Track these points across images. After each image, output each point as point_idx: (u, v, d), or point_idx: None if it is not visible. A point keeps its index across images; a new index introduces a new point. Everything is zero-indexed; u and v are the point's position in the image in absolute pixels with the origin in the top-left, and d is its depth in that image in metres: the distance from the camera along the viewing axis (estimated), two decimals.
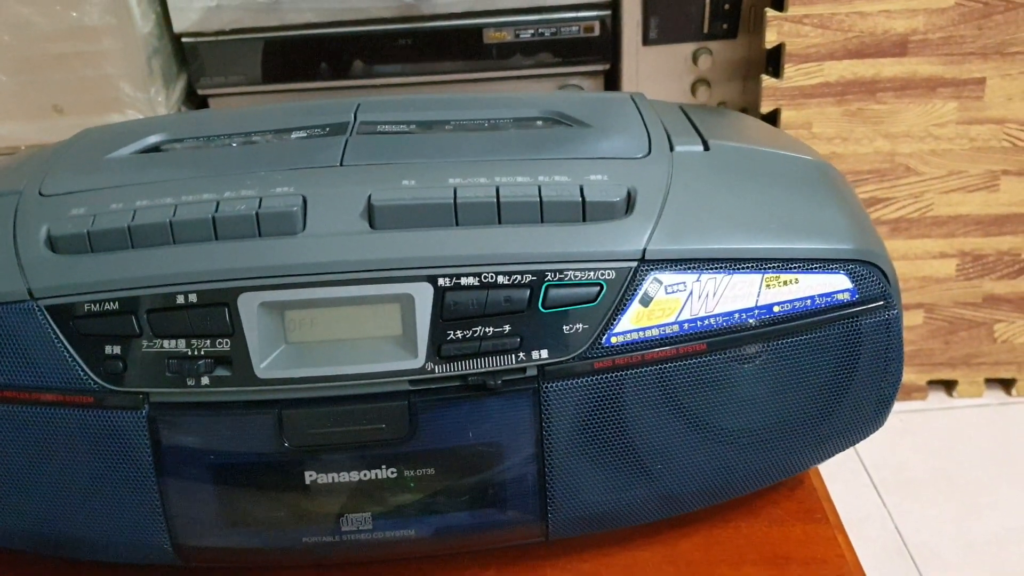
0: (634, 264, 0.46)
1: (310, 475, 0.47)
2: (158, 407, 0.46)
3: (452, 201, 0.46)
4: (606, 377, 0.47)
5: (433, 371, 0.46)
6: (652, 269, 0.46)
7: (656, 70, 1.24)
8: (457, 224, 0.47)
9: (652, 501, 0.50)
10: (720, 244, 0.47)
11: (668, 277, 0.47)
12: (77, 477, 0.48)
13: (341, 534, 0.48)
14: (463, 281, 0.46)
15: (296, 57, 1.25)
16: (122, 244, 0.47)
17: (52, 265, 0.47)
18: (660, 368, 0.47)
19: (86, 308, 0.46)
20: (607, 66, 1.26)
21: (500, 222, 0.47)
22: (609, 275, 0.46)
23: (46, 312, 0.46)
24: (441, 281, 0.46)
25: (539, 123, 0.56)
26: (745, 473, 0.51)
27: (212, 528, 0.48)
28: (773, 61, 1.18)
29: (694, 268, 0.47)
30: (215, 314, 0.45)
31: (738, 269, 0.47)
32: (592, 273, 0.46)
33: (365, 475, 0.47)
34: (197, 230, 0.46)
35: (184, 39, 1.22)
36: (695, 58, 1.23)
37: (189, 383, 0.46)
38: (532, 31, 1.24)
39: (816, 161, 0.55)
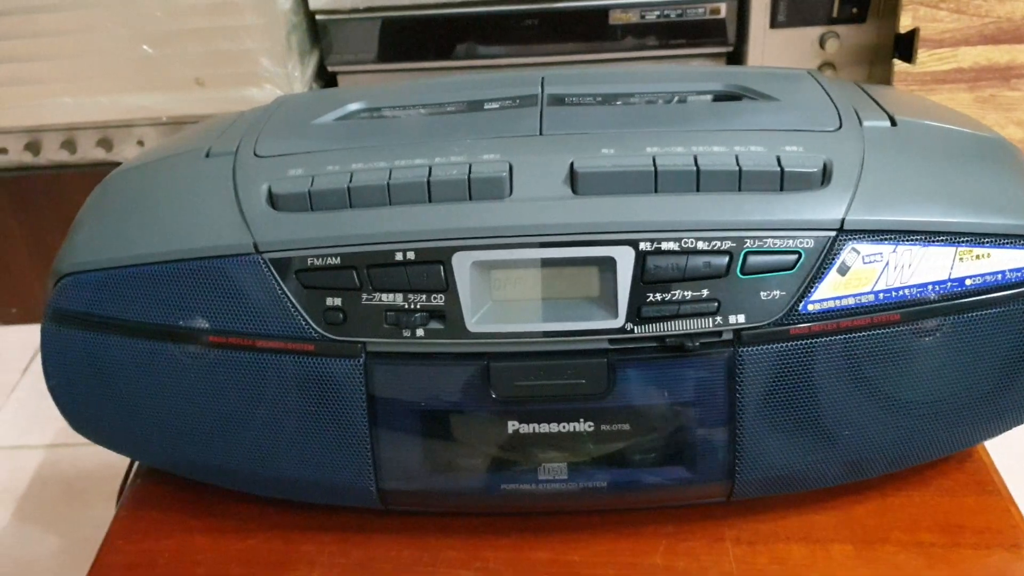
0: (833, 233, 0.48)
1: (512, 425, 0.50)
2: (374, 356, 0.49)
3: (652, 168, 0.48)
4: (801, 343, 0.48)
5: (632, 331, 0.48)
6: (850, 239, 0.48)
7: (782, 53, 1.24)
8: (657, 191, 0.48)
9: (834, 466, 0.51)
10: (916, 217, 0.48)
11: (866, 247, 0.48)
12: (290, 420, 0.51)
13: (537, 482, 0.51)
14: (664, 246, 0.48)
15: (424, 36, 1.28)
16: (341, 204, 0.50)
17: (274, 221, 0.50)
18: (852, 337, 0.48)
19: (309, 262, 0.49)
20: (731, 48, 1.27)
21: (699, 189, 0.48)
22: (808, 243, 0.48)
23: (270, 265, 0.49)
24: (642, 245, 0.48)
25: (723, 96, 0.58)
26: (925, 443, 0.52)
27: (416, 473, 0.51)
28: (903, 46, 1.17)
29: (891, 239, 0.48)
30: (431, 271, 0.48)
31: (933, 242, 0.48)
32: (791, 241, 0.48)
33: (564, 427, 0.49)
34: (412, 192, 0.49)
35: (318, 16, 1.26)
36: (822, 42, 1.22)
37: (405, 334, 0.49)
38: (658, 12, 1.25)
39: (997, 138, 0.56)
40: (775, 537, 0.53)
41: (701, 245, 0.48)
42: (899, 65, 1.15)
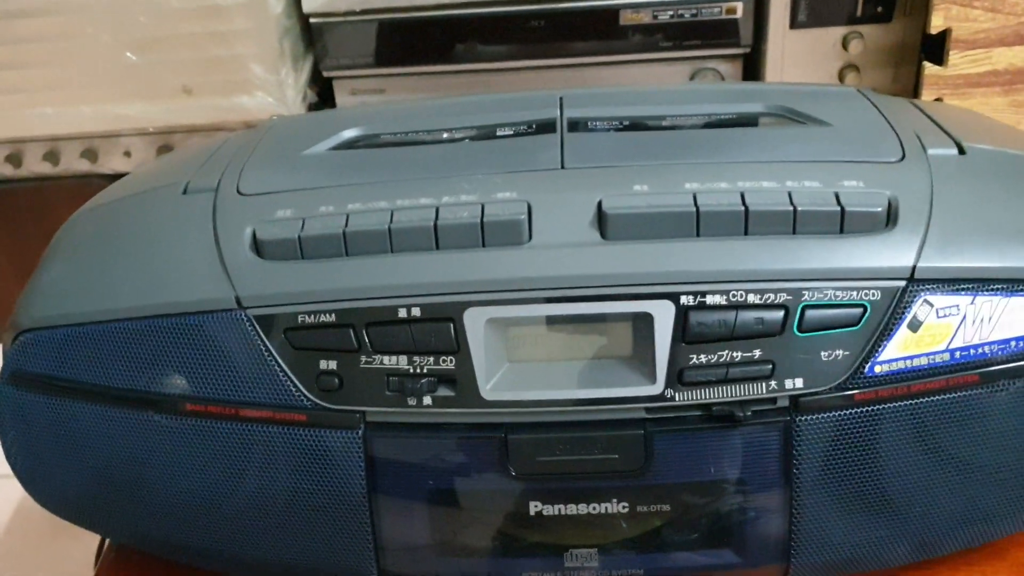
0: (902, 283, 0.41)
1: (535, 505, 0.43)
2: (375, 427, 0.43)
3: (693, 209, 0.42)
4: (866, 410, 0.42)
5: (673, 398, 0.42)
6: (922, 289, 0.41)
7: (802, 55, 1.17)
8: (699, 235, 0.42)
9: (901, 545, 0.45)
10: (997, 262, 0.42)
11: (940, 299, 0.42)
12: (278, 498, 0.45)
13: (563, 570, 0.44)
14: (709, 300, 0.41)
15: (424, 39, 1.21)
16: (336, 251, 0.43)
17: (260, 272, 0.44)
18: (925, 401, 0.42)
19: (300, 320, 0.43)
20: (747, 50, 1.20)
21: (747, 233, 0.42)
22: (874, 295, 0.41)
23: (255, 322, 0.43)
24: (684, 299, 0.41)
25: (766, 119, 0.51)
26: (1005, 518, 0.46)
27: (424, 556, 0.45)
28: (933, 47, 1.10)
29: (969, 289, 0.42)
30: (440, 330, 0.42)
31: (1016, 291, 0.42)
32: (855, 293, 0.41)
33: (594, 508, 0.43)
34: (418, 239, 0.43)
35: (312, 19, 1.19)
36: (845, 43, 1.15)
37: (410, 402, 0.42)
38: (671, 12, 1.18)
39: None
40: None
41: (752, 298, 0.41)
42: (929, 68, 1.09)
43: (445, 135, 0.52)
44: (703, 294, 0.41)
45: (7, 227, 1.41)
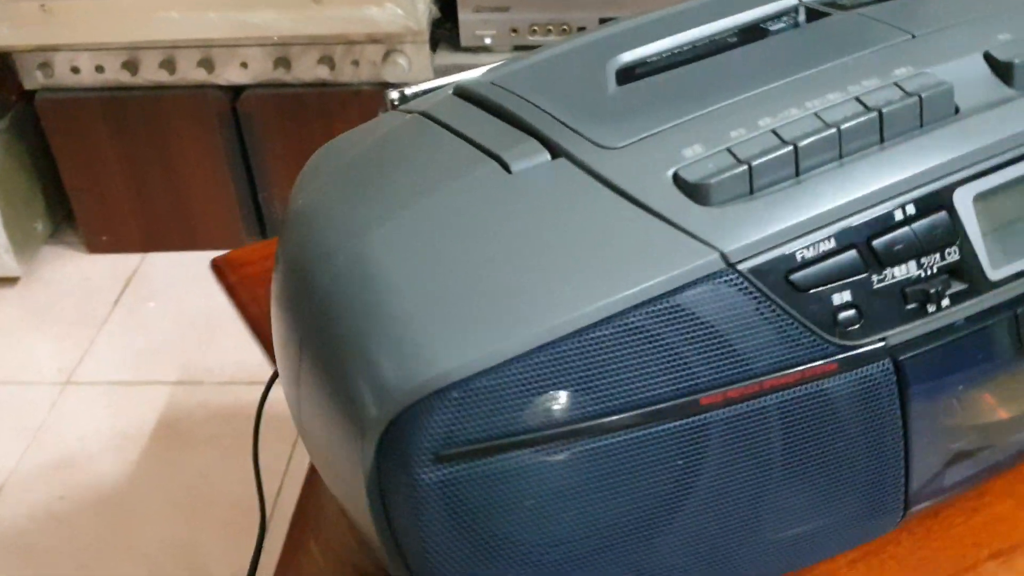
0: None
1: None
2: (899, 349, 0.38)
3: None
4: None
5: None
6: None
7: None
8: None
9: None
10: None
11: None
12: (775, 468, 0.39)
13: None
14: None
15: None
16: (787, 175, 0.38)
17: (725, 220, 0.37)
18: None
19: (799, 257, 0.37)
20: None
21: None
22: None
23: (751, 277, 0.36)
24: None
25: None
26: None
27: (945, 469, 0.41)
28: None
29: None
30: (938, 221, 0.38)
31: None
32: None
33: None
34: (861, 136, 0.39)
35: None
36: None
37: (930, 310, 0.38)
38: None
39: None
40: None
41: None
42: None
43: (714, 45, 0.46)
44: None
45: (120, 135, 1.32)
